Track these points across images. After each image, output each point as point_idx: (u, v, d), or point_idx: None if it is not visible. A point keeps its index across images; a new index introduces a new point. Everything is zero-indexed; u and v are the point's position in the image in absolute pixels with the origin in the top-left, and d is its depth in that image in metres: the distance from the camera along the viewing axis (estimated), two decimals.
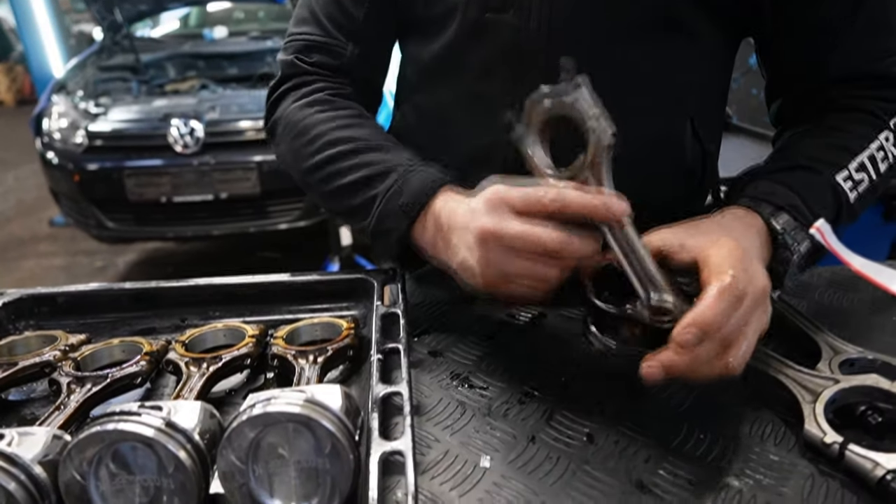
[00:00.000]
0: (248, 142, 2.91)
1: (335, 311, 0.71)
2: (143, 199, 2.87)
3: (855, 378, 0.54)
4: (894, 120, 0.67)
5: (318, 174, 0.71)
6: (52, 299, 0.69)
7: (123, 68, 3.50)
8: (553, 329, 0.72)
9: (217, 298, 0.70)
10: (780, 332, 0.66)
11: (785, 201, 0.60)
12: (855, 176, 0.64)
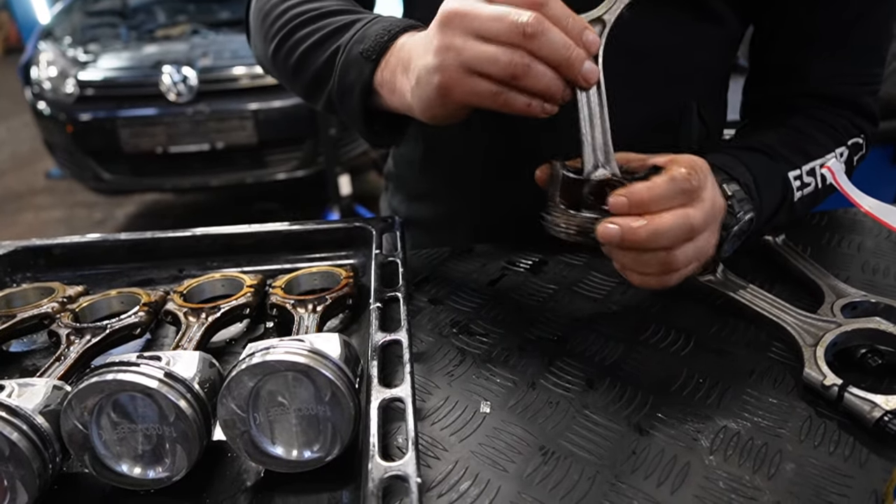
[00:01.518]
0: (244, 89, 2.84)
1: (334, 259, 0.71)
2: (138, 150, 2.83)
3: (857, 321, 0.54)
4: (852, 140, 0.70)
5: (282, 49, 0.67)
6: (48, 251, 0.69)
7: (111, 13, 3.39)
8: (554, 276, 0.71)
9: (214, 248, 0.70)
10: (783, 276, 0.67)
11: (738, 174, 0.60)
12: (805, 178, 0.66)
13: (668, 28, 0.68)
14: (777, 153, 0.66)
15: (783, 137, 0.68)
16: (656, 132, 0.72)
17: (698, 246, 0.52)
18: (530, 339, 0.61)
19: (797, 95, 0.73)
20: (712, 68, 0.77)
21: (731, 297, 0.61)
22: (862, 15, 0.68)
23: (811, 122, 0.70)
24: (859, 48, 0.70)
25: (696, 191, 0.50)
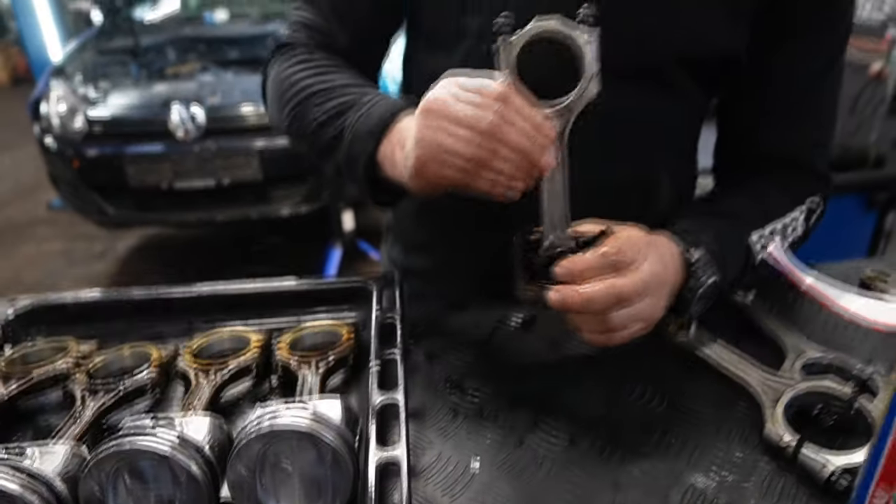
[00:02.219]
0: (251, 128, 2.90)
1: (336, 313, 0.74)
2: (144, 185, 2.88)
3: (812, 380, 0.59)
4: (809, 199, 0.75)
5: (296, 118, 0.74)
6: (62, 307, 0.73)
7: (123, 52, 3.47)
8: (543, 333, 0.75)
9: (222, 304, 0.74)
10: (751, 333, 0.71)
11: (704, 240, 0.65)
12: (766, 238, 0.71)
13: (639, 102, 0.73)
14: (740, 217, 0.71)
15: (745, 201, 0.74)
16: (629, 195, 0.76)
17: (637, 310, 0.57)
18: (519, 395, 0.64)
19: (758, 159, 0.79)
20: (681, 135, 0.83)
21: (702, 355, 0.66)
22: (812, 86, 0.75)
23: (771, 185, 0.76)
24: (810, 117, 0.77)
25: (626, 264, 0.57)
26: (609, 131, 0.68)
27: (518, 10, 0.68)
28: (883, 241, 1.78)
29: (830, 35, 0.74)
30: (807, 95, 0.76)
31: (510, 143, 0.53)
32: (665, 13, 0.69)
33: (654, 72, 0.73)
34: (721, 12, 0.70)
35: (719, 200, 0.76)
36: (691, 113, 0.81)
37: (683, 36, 0.71)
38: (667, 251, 0.63)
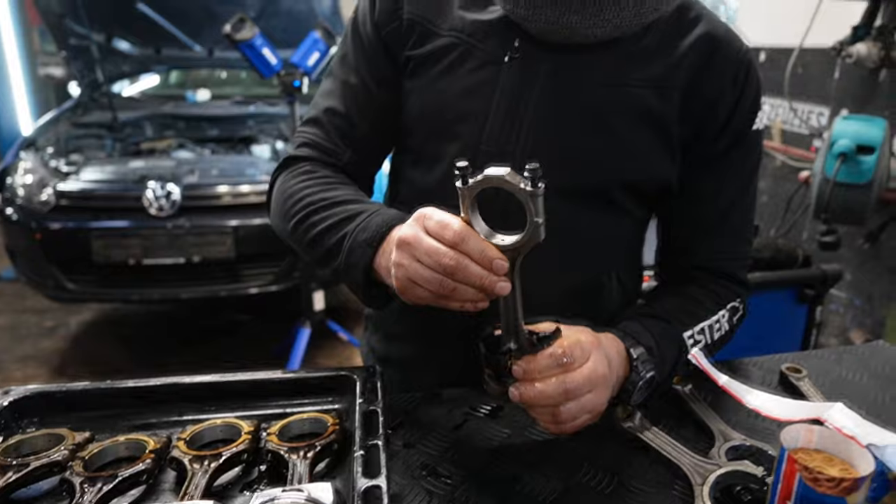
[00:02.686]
0: (226, 206, 2.94)
1: (321, 404, 0.80)
2: (109, 261, 2.83)
3: (733, 464, 0.69)
4: (730, 303, 0.88)
5: (300, 229, 0.83)
6: (52, 396, 0.75)
7: (99, 126, 3.52)
8: (509, 421, 0.82)
9: (211, 394, 0.78)
10: (687, 420, 0.81)
11: (644, 340, 0.76)
12: (696, 336, 0.83)
13: (590, 218, 0.86)
14: (674, 318, 0.83)
15: (679, 304, 0.86)
16: (580, 296, 0.88)
17: (583, 403, 0.67)
18: (488, 479, 0.71)
19: (689, 268, 0.92)
20: (626, 245, 0.95)
21: (646, 439, 0.75)
22: (730, 209, 0.89)
23: (700, 290, 0.89)
24: (730, 235, 0.91)
25: (572, 363, 0.66)
26: (562, 243, 0.78)
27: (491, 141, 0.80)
28: (815, 331, 1.93)
29: (742, 167, 0.89)
30: (726, 217, 0.90)
31: (468, 279, 0.63)
32: (613, 148, 0.82)
33: (603, 195, 0.85)
34: (657, 146, 0.84)
35: (657, 303, 0.88)
36: (634, 227, 0.94)
37: (628, 166, 0.84)
38: (612, 349, 0.73)
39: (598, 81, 0.81)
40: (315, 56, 2.79)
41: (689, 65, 0.82)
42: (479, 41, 0.82)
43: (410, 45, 0.86)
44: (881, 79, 2.52)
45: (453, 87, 0.83)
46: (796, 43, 2.61)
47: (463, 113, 0.83)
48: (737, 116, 0.84)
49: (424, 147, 0.87)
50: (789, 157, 3.09)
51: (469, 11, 0.84)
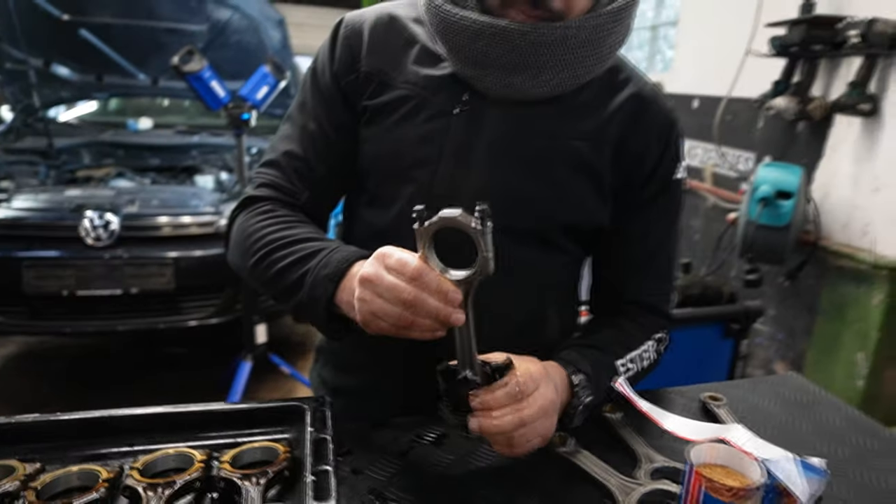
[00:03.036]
0: (166, 237, 2.87)
1: (272, 433, 0.82)
2: (41, 292, 2.71)
3: (656, 483, 0.77)
4: (657, 334, 0.99)
5: (261, 265, 0.87)
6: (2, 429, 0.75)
7: (33, 152, 3.39)
8: (452, 448, 0.87)
9: (163, 425, 0.79)
10: (616, 445, 0.88)
11: (583, 367, 0.85)
12: (628, 364, 0.92)
13: (532, 257, 0.93)
14: (608, 348, 0.91)
15: (612, 336, 0.95)
16: (524, 328, 0.95)
17: (534, 429, 0.74)
18: (432, 503, 0.75)
19: (620, 304, 1.01)
20: (564, 281, 1.03)
21: (578, 463, 0.82)
22: (656, 250, 0.99)
23: (630, 323, 0.98)
24: (658, 272, 1.01)
25: (526, 395, 0.73)
26: (508, 280, 0.84)
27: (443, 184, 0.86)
28: (740, 363, 2.07)
29: (666, 212, 0.99)
30: (653, 257, 1.00)
31: (425, 311, 0.69)
32: (552, 193, 0.90)
33: (543, 235, 0.93)
34: (591, 192, 0.92)
35: (592, 335, 0.96)
36: (572, 265, 1.02)
37: (565, 209, 0.92)
38: (557, 376, 0.81)
39: (538, 133, 0.89)
40: (264, 90, 2.82)
41: (619, 121, 0.91)
42: (432, 94, 0.89)
43: (368, 95, 0.92)
44: (799, 130, 2.75)
45: (408, 134, 0.90)
46: (725, 93, 2.82)
47: (417, 159, 0.89)
48: (661, 168, 0.94)
49: (380, 189, 0.93)
50: (720, 199, 3.30)
51: (422, 67, 0.91)
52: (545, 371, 0.78)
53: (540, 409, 0.73)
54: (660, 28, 4.01)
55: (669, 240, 1.01)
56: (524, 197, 0.90)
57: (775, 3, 2.61)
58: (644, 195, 0.95)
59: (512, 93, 0.85)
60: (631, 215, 0.96)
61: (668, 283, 1.03)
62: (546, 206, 0.91)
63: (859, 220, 2.40)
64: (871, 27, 2.11)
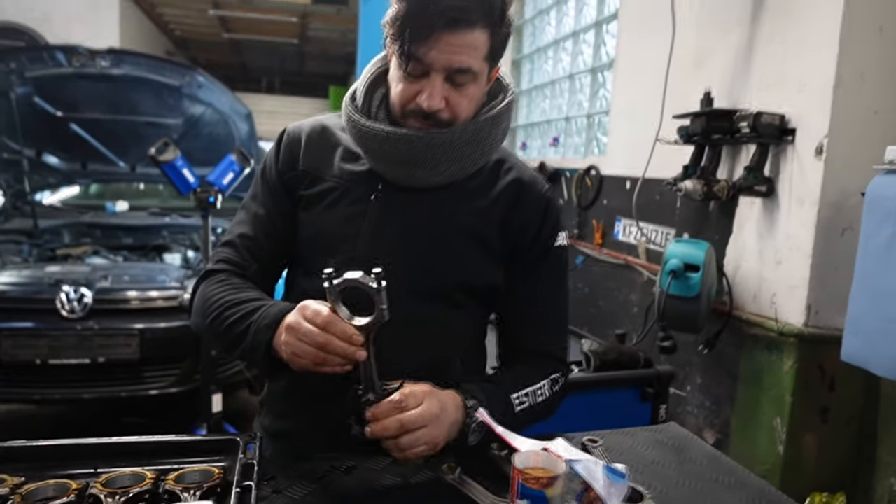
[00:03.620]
0: (134, 309, 3.09)
1: (210, 462, 1.01)
2: (15, 361, 2.89)
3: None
4: (552, 375, 1.19)
5: (216, 322, 1.09)
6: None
7: (19, 232, 3.65)
8: (361, 477, 1.07)
9: (122, 452, 0.99)
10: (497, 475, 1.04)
11: (477, 395, 1.07)
12: (522, 398, 1.12)
13: (434, 312, 1.15)
14: (503, 383, 1.13)
15: (509, 375, 1.17)
16: (431, 373, 1.12)
17: (418, 436, 0.94)
18: None
19: (519, 350, 1.22)
20: (468, 333, 1.24)
21: (465, 490, 1.00)
22: (547, 302, 1.22)
23: (526, 366, 1.19)
24: (549, 324, 1.23)
25: (407, 406, 0.94)
26: (411, 331, 1.08)
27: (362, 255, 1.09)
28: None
29: (551, 274, 1.23)
30: (544, 312, 1.23)
31: (334, 350, 0.93)
32: (451, 260, 1.15)
33: (446, 294, 1.17)
34: (484, 258, 1.17)
35: (493, 376, 1.19)
36: (473, 319, 1.24)
37: (462, 272, 1.16)
38: (449, 399, 1.03)
39: (437, 213, 1.15)
40: (230, 176, 3.12)
41: (504, 201, 1.18)
42: (354, 185, 1.16)
43: (304, 186, 1.19)
44: (711, 209, 3.05)
45: (336, 216, 1.16)
46: (647, 175, 3.14)
47: (342, 235, 1.14)
48: (541, 237, 1.20)
49: (313, 261, 1.14)
50: (652, 274, 3.58)
51: (346, 163, 1.18)
52: (431, 391, 0.99)
53: (420, 418, 0.95)
54: (594, 116, 4.41)
55: (558, 296, 1.24)
56: (428, 265, 1.13)
57: (681, 97, 2.96)
58: (530, 259, 1.20)
59: (415, 182, 1.12)
60: (522, 277, 1.20)
61: (560, 334, 1.26)
62: (446, 270, 1.15)
63: (767, 291, 2.59)
64: (757, 119, 2.41)
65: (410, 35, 1.01)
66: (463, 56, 1.02)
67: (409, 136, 1.07)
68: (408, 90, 1.07)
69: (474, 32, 1.02)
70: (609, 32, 4.18)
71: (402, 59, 1.04)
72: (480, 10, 1.01)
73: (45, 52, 3.73)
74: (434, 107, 1.04)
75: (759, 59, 2.60)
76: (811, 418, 2.36)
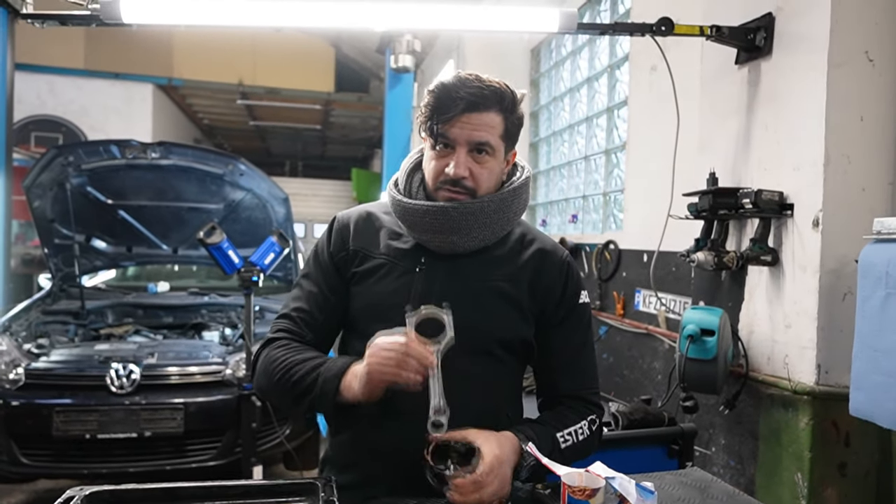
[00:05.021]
0: (178, 385, 3.26)
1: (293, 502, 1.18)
2: (67, 436, 3.04)
3: None
4: (589, 416, 1.37)
5: (282, 380, 1.25)
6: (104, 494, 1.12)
7: (66, 313, 3.89)
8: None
9: (216, 494, 1.15)
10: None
11: (529, 435, 1.24)
12: (566, 436, 1.30)
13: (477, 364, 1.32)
14: (549, 424, 1.31)
15: (552, 416, 1.35)
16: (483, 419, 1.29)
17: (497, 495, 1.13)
18: None
19: (557, 397, 1.40)
20: (509, 384, 1.41)
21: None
22: (577, 353, 1.40)
23: (565, 409, 1.37)
24: (580, 372, 1.40)
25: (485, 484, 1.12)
26: (465, 381, 1.26)
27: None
28: None
29: (578, 326, 1.42)
30: (574, 361, 1.41)
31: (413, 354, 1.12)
32: (488, 319, 1.34)
33: (486, 349, 1.35)
34: (516, 316, 1.36)
35: (541, 416, 1.37)
36: (513, 372, 1.42)
37: (498, 329, 1.35)
38: (507, 444, 1.19)
39: (473, 278, 1.34)
40: (271, 256, 3.36)
41: (530, 267, 1.39)
42: (400, 260, 1.37)
43: (355, 264, 1.40)
44: (723, 278, 3.22)
45: (386, 287, 1.35)
46: (661, 248, 3.33)
47: (393, 304, 1.28)
48: (567, 296, 1.38)
49: (367, 327, 1.29)
50: (672, 342, 3.71)
51: (392, 241, 1.39)
52: (503, 456, 1.15)
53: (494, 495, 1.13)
54: (610, 194, 4.66)
55: (586, 346, 1.44)
56: (470, 323, 1.26)
57: (689, 176, 3.19)
58: (559, 316, 1.38)
59: (453, 248, 1.33)
60: (553, 332, 1.38)
61: (592, 380, 1.42)
62: (484, 328, 1.33)
63: (779, 353, 2.73)
64: (758, 196, 2.63)
65: (438, 118, 1.26)
66: (482, 132, 1.26)
67: (445, 207, 1.28)
68: (438, 164, 1.29)
69: (490, 114, 1.27)
70: (620, 117, 4.50)
71: (432, 138, 1.28)
72: (494, 97, 1.27)
73: (101, 145, 4.07)
74: (459, 174, 1.26)
75: (756, 144, 2.85)
76: (830, 472, 2.44)
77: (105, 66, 10.85)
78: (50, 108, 10.69)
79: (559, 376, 1.40)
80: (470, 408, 1.24)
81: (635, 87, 4.14)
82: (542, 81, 6.07)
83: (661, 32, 2.77)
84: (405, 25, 4.62)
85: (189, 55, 11.10)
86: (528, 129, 6.25)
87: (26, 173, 3.93)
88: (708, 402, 3.03)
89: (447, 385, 1.15)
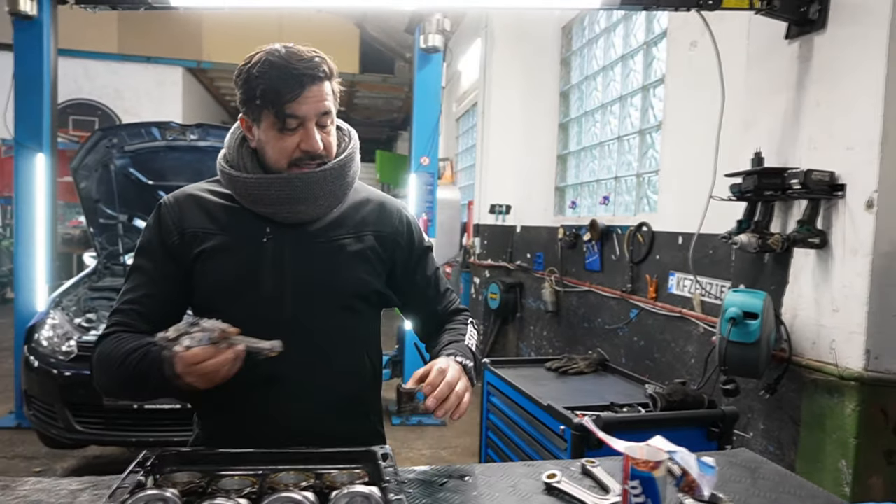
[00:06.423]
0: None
1: (351, 468, 1.20)
2: (116, 405, 3.17)
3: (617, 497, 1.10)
4: (468, 320, 1.55)
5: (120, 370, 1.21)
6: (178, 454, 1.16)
7: (112, 290, 4.01)
8: (477, 486, 1.24)
9: (278, 459, 1.18)
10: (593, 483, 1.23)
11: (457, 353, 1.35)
12: (468, 340, 1.44)
13: (339, 319, 1.37)
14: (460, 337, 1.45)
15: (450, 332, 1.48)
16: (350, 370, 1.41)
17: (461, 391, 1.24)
18: None
19: (437, 317, 1.55)
20: (372, 331, 1.48)
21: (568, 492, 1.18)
22: (430, 281, 1.53)
23: (451, 323, 1.53)
24: (439, 293, 1.56)
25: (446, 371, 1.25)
26: (330, 340, 1.35)
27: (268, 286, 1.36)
28: None
29: (426, 263, 1.52)
30: (437, 287, 1.55)
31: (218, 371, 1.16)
32: (342, 275, 1.36)
33: (346, 305, 1.38)
34: (367, 268, 1.39)
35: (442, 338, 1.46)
36: (371, 321, 1.47)
37: (353, 284, 1.38)
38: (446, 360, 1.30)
39: (321, 240, 1.36)
40: None
41: (371, 220, 1.43)
42: (243, 233, 1.33)
43: (195, 245, 1.32)
44: (765, 261, 3.16)
45: (232, 263, 1.32)
46: (701, 230, 3.29)
47: (240, 277, 1.31)
48: (415, 242, 1.49)
49: (217, 304, 1.28)
50: (708, 325, 3.67)
51: (229, 215, 1.35)
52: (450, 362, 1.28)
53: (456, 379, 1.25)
54: (644, 175, 4.59)
55: (437, 273, 1.56)
56: (324, 281, 1.35)
57: (732, 156, 3.13)
58: (413, 260, 1.49)
59: (300, 217, 1.33)
60: (409, 274, 1.49)
61: (450, 295, 1.58)
62: (339, 286, 1.37)
63: (825, 338, 2.67)
64: (808, 177, 2.56)
65: (283, 98, 1.26)
66: (326, 102, 1.30)
67: (290, 177, 1.31)
68: (290, 142, 1.30)
69: (325, 82, 1.31)
70: (656, 96, 4.42)
71: (277, 119, 1.27)
72: (324, 65, 1.31)
73: (142, 127, 4.15)
74: (321, 148, 1.30)
75: (806, 122, 2.77)
76: (877, 460, 2.40)
77: (137, 49, 11.03)
78: (86, 91, 10.93)
79: (434, 304, 1.55)
80: (338, 361, 1.36)
81: (674, 64, 4.06)
82: (574, 60, 5.95)
83: (707, 7, 2.71)
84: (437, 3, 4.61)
85: (217, 38, 11.20)
86: (557, 109, 6.17)
87: (73, 155, 4.04)
88: (747, 385, 3.00)
89: (309, 346, 1.29)
